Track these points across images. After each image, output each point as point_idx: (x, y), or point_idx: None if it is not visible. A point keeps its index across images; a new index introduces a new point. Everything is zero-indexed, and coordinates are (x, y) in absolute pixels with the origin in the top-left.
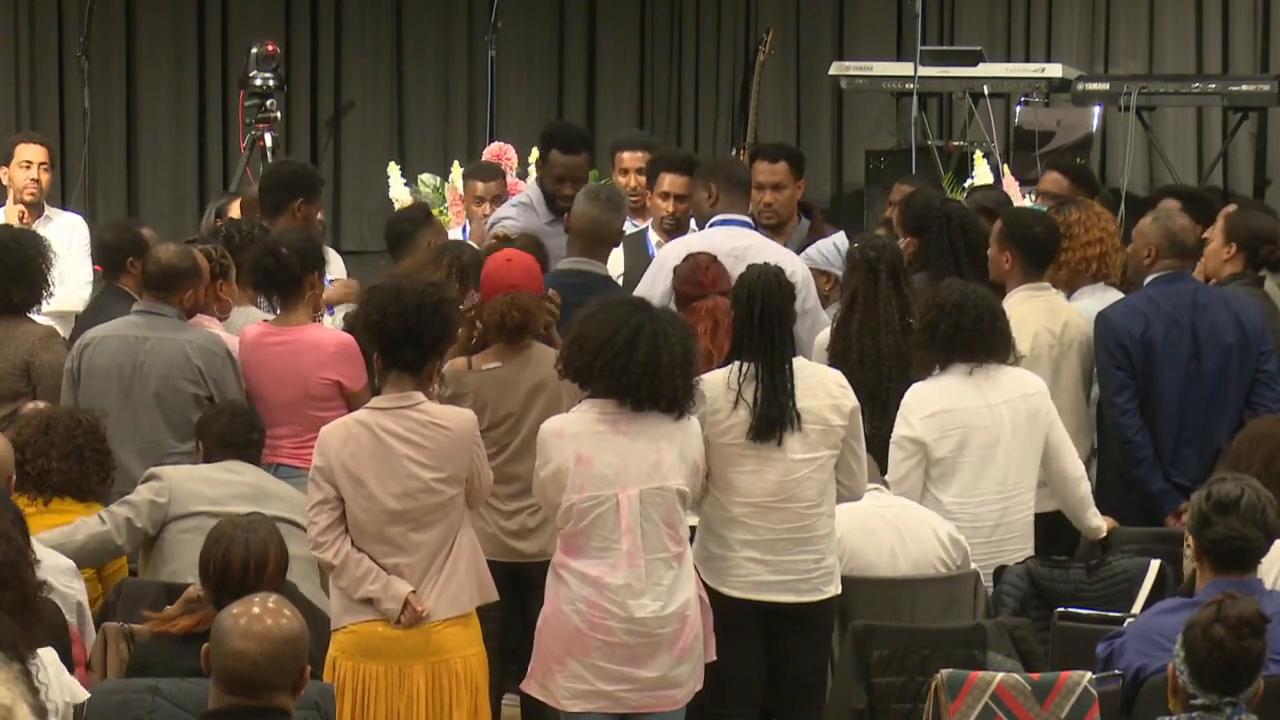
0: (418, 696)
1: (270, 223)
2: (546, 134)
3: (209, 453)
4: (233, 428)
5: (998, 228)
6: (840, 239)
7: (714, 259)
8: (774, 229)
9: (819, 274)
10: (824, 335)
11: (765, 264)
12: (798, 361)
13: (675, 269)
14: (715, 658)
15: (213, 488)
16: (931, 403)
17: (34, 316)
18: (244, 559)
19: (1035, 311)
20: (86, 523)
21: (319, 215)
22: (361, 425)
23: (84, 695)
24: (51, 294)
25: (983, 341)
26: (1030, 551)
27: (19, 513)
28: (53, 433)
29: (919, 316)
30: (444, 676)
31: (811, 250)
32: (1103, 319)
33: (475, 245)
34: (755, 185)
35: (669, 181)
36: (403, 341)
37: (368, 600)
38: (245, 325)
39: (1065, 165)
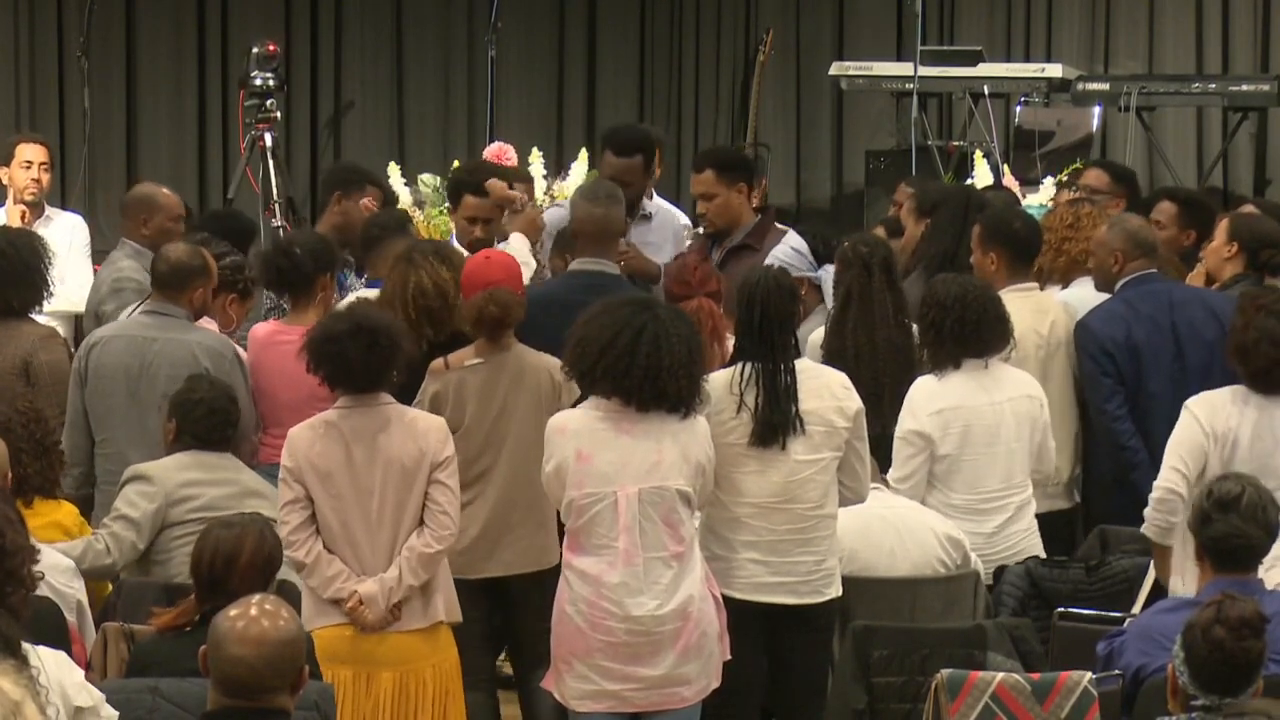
0: (384, 702)
1: (321, 222)
2: (604, 136)
3: (178, 437)
4: (210, 424)
5: (977, 231)
6: (795, 240)
7: (703, 259)
8: (719, 236)
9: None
10: (817, 334)
11: (768, 266)
12: (802, 363)
13: (664, 267)
14: (730, 656)
15: (201, 489)
16: (938, 399)
17: (35, 317)
18: (214, 553)
19: (1022, 312)
20: (93, 547)
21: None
22: (330, 425)
23: (92, 699)
24: (52, 294)
25: (990, 330)
26: (1041, 549)
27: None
28: None
29: (918, 316)
30: (411, 683)
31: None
32: (1083, 327)
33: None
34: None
35: None
36: (357, 384)
37: (336, 601)
38: None
39: (1109, 164)
